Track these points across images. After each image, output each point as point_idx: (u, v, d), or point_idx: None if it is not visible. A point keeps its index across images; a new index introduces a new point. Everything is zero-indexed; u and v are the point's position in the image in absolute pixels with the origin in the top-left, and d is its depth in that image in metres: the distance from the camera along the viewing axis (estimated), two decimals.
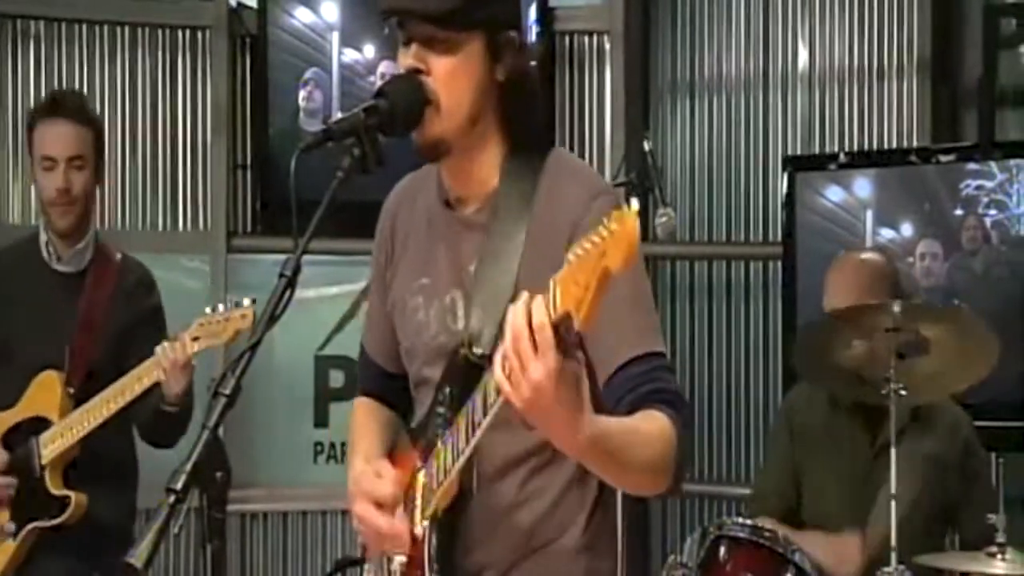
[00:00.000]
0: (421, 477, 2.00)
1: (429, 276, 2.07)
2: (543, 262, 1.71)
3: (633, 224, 1.48)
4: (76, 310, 3.35)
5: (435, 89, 1.92)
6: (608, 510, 2.08)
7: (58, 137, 3.32)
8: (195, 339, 3.13)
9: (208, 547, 1.76)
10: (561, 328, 1.57)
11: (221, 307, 3.17)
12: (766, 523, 3.20)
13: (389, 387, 2.24)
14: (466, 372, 1.91)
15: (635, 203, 1.49)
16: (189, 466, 1.63)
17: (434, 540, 1.95)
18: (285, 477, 4.79)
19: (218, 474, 1.71)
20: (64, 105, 3.42)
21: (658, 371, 1.87)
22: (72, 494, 3.25)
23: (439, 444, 1.94)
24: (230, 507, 1.81)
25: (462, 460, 1.86)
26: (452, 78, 1.92)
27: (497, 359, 1.64)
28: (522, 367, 1.58)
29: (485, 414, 1.75)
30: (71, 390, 3.29)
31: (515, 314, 1.59)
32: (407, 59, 1.94)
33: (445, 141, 1.95)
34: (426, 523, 1.96)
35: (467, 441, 1.83)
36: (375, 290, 2.24)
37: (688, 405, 1.92)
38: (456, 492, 1.95)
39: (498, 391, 1.67)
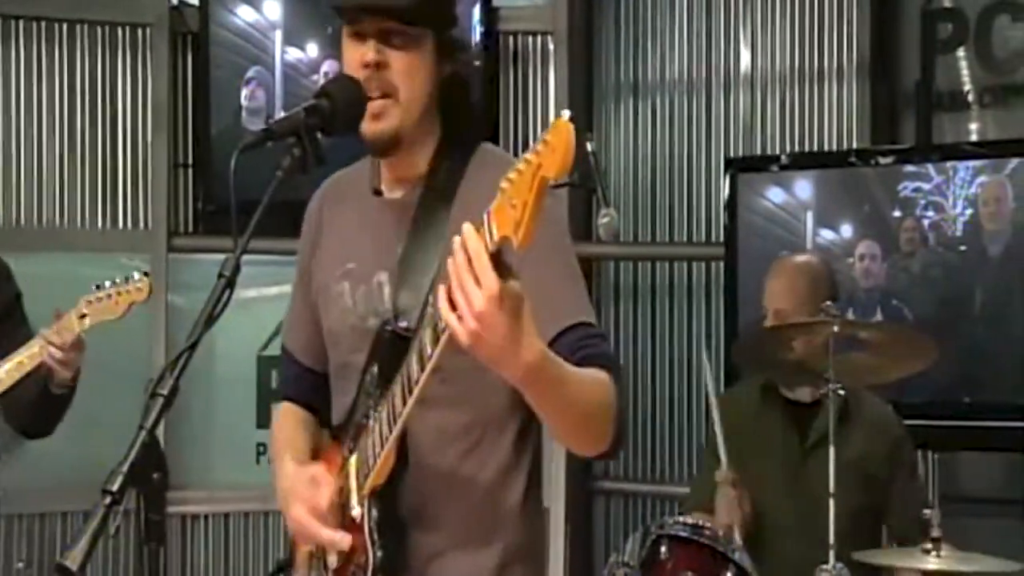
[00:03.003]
0: (352, 461, 2.00)
1: (355, 261, 2.09)
2: None
3: (568, 131, 1.48)
4: None
5: (395, 83, 1.97)
6: (539, 515, 2.12)
7: None
8: (83, 317, 3.07)
9: (146, 549, 1.74)
10: (500, 254, 1.58)
11: (108, 283, 3.11)
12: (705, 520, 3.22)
13: (311, 387, 2.23)
14: (392, 347, 1.94)
15: (566, 113, 1.50)
16: (125, 467, 1.62)
17: (375, 514, 1.95)
18: (227, 478, 4.75)
19: (155, 475, 1.70)
20: None
21: (592, 338, 1.92)
22: None
23: (370, 422, 1.95)
24: (171, 508, 1.81)
25: (399, 426, 1.87)
26: (411, 72, 1.99)
27: (441, 294, 1.63)
28: (467, 299, 1.60)
29: (422, 369, 1.77)
30: None
31: (454, 250, 1.61)
32: (368, 53, 1.96)
33: (400, 134, 2.00)
34: (363, 504, 1.96)
35: (404, 403, 1.84)
36: (298, 284, 2.25)
37: (622, 370, 1.96)
38: (392, 466, 1.94)
39: (434, 342, 1.70)
